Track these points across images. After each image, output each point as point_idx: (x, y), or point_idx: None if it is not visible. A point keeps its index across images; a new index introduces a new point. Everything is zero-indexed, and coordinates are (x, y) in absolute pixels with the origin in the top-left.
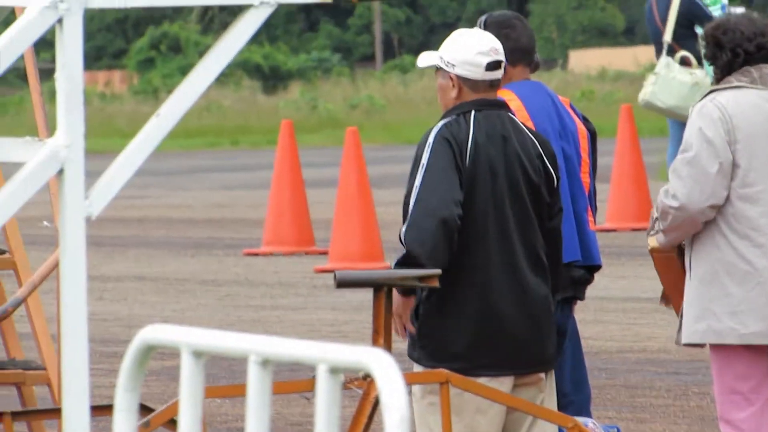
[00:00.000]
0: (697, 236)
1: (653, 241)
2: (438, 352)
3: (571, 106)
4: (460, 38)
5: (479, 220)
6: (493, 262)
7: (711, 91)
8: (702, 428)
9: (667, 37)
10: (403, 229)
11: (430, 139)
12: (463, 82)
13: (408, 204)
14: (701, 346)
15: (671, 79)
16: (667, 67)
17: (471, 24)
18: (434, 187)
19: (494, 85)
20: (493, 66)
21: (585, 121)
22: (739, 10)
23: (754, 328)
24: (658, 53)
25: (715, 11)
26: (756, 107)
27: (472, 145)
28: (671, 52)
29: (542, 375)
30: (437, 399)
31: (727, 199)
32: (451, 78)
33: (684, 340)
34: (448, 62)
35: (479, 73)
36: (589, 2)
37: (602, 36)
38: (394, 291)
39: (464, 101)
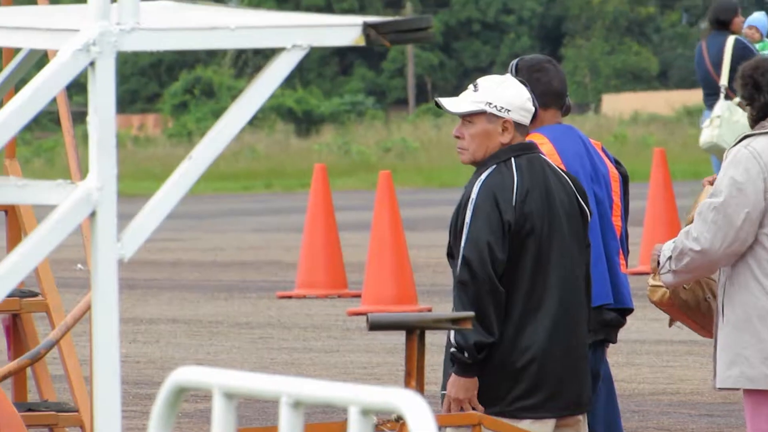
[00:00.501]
0: (730, 281)
1: (654, 293)
2: (481, 395)
3: (603, 150)
4: (509, 85)
5: (528, 266)
6: (542, 307)
7: (746, 136)
8: None
9: (724, 80)
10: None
11: (474, 194)
12: (517, 128)
13: (451, 256)
14: (736, 389)
15: (735, 123)
16: (729, 111)
17: (504, 68)
18: (479, 241)
19: (530, 130)
20: (535, 114)
21: (617, 164)
22: None
23: None
24: (708, 97)
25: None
26: None
27: (518, 193)
28: (728, 97)
29: (580, 417)
30: None
31: (761, 244)
32: (504, 123)
33: (718, 385)
34: (502, 107)
35: (528, 119)
36: (622, 46)
37: (636, 80)
38: (452, 375)
39: (501, 149)
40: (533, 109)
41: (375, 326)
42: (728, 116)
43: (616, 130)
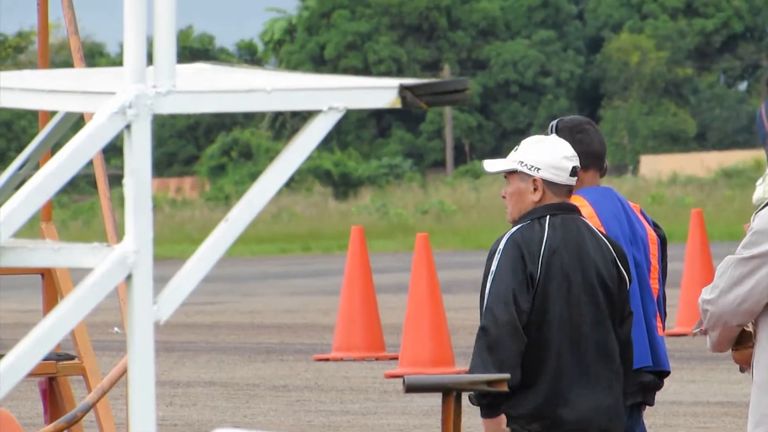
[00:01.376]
0: (759, 341)
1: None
2: None
3: (642, 212)
4: (543, 143)
5: (554, 327)
6: (567, 370)
7: None
8: None
9: None
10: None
11: (501, 246)
12: (547, 186)
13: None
14: None
15: None
16: None
17: (542, 130)
18: (500, 294)
19: (571, 191)
20: (574, 172)
21: (655, 227)
22: None
23: None
24: None
25: None
26: None
27: (546, 251)
28: None
29: None
30: None
31: None
32: (534, 181)
33: None
34: (532, 166)
35: (564, 178)
36: (660, 108)
37: (673, 141)
38: (483, 420)
39: (538, 207)
40: (570, 166)
41: (411, 388)
42: None
43: (654, 192)
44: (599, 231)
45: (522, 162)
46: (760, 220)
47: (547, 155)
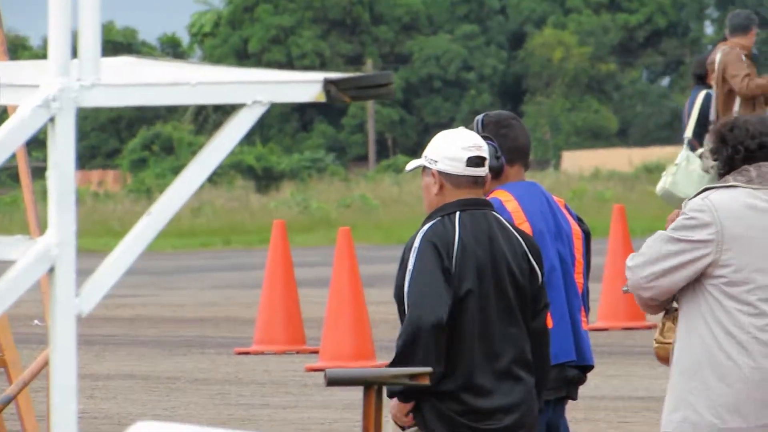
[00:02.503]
0: (684, 326)
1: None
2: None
3: (566, 207)
4: (443, 135)
5: (465, 320)
6: (479, 363)
7: (707, 189)
8: None
9: (688, 133)
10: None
11: (416, 243)
12: (444, 178)
13: (398, 303)
14: None
15: (691, 171)
16: (687, 160)
17: (465, 124)
18: (422, 292)
19: (478, 182)
20: (475, 162)
21: (579, 221)
22: None
23: (733, 425)
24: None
25: None
26: (749, 208)
27: (459, 247)
28: (693, 148)
29: None
30: None
31: (711, 294)
32: (433, 174)
33: (662, 429)
34: (431, 159)
35: (460, 168)
36: (583, 104)
37: (595, 137)
38: (394, 401)
39: (449, 202)
40: (465, 156)
41: (333, 382)
42: (685, 165)
43: (576, 186)
44: (510, 224)
45: (426, 156)
46: (694, 206)
47: (443, 147)
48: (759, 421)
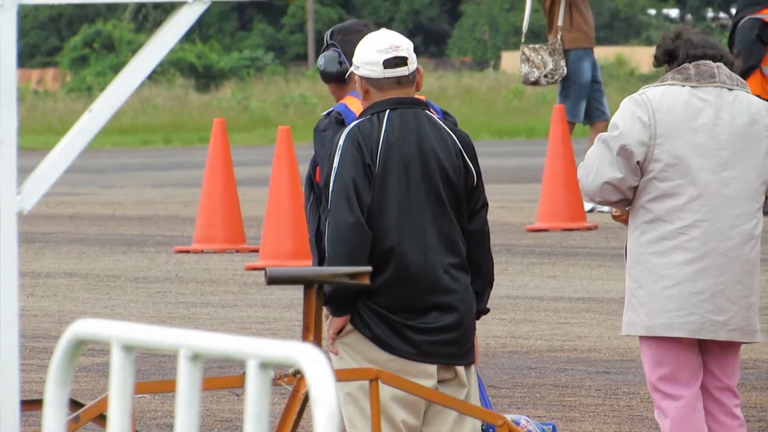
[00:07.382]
0: (628, 228)
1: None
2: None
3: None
4: (363, 40)
5: (395, 221)
6: (410, 261)
7: (646, 87)
8: (632, 428)
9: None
10: (325, 239)
11: (341, 141)
12: (367, 82)
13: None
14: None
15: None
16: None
17: (404, 24)
18: (339, 195)
19: (402, 82)
20: (393, 63)
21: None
22: None
23: (658, 321)
24: None
25: None
26: (685, 104)
27: (383, 146)
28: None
29: (462, 368)
30: (352, 389)
31: (646, 193)
32: (359, 80)
33: (622, 332)
34: (355, 65)
35: (378, 71)
36: (521, 4)
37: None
38: (330, 318)
39: (378, 101)
40: (381, 59)
41: (273, 280)
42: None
43: (514, 87)
44: (445, 124)
45: (353, 62)
46: (620, 109)
47: (361, 52)
48: (682, 318)
